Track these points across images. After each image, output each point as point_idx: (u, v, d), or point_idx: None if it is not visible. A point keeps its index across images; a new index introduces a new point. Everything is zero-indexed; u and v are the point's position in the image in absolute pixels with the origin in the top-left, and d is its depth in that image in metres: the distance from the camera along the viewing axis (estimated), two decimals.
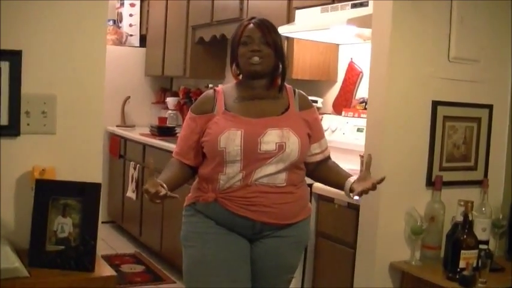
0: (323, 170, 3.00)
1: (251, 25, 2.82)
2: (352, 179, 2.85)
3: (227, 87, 2.95)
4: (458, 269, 3.06)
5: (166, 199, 2.65)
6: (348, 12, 4.08)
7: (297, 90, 2.96)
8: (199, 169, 2.88)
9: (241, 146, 2.69)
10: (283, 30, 4.30)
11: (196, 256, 2.81)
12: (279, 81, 2.90)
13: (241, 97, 2.85)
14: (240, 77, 2.90)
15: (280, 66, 2.88)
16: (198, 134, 2.83)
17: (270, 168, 2.72)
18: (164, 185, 2.64)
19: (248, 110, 2.80)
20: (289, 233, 2.85)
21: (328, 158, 3.03)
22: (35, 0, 2.61)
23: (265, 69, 2.81)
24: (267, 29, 2.81)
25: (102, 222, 2.77)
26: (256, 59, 2.77)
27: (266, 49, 2.79)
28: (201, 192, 2.83)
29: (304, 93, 2.98)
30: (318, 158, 2.97)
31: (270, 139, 2.71)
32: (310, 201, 3.17)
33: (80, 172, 2.68)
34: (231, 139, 2.69)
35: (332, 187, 3.04)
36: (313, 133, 2.91)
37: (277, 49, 2.83)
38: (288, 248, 2.89)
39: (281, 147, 2.72)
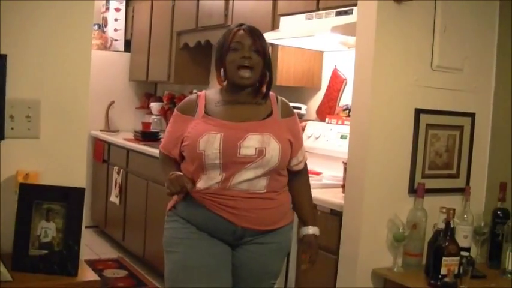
0: (294, 188, 3.00)
1: (241, 31, 2.81)
2: (306, 230, 2.99)
3: (211, 91, 2.95)
4: (440, 276, 3.08)
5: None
6: (332, 19, 4.10)
7: (279, 97, 2.96)
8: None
9: (220, 150, 2.69)
10: (268, 37, 4.29)
11: (178, 261, 2.80)
12: (264, 89, 2.89)
13: (224, 101, 2.85)
14: (225, 83, 2.89)
15: (268, 74, 2.88)
16: (181, 132, 2.83)
17: (249, 173, 2.72)
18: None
19: (229, 114, 2.80)
20: (271, 239, 2.85)
21: (304, 169, 3.04)
22: (20, 4, 2.61)
23: (253, 81, 2.81)
24: (257, 36, 2.82)
25: (86, 227, 2.76)
26: (247, 73, 2.76)
27: (256, 57, 2.78)
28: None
29: (286, 101, 2.98)
30: (300, 166, 2.99)
31: (250, 144, 2.71)
32: None
33: (63, 177, 2.68)
34: (210, 142, 2.69)
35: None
36: (296, 141, 2.91)
37: (265, 57, 2.83)
38: (270, 254, 2.89)
39: (261, 152, 2.71)
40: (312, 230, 2.99)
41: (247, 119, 2.80)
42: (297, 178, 3.00)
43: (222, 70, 2.86)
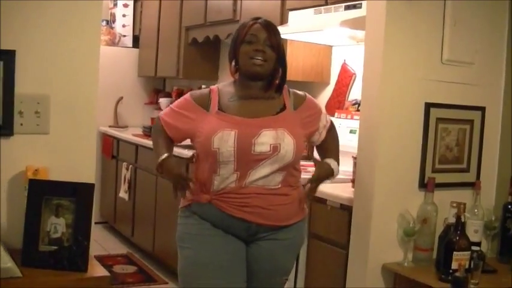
0: (321, 147, 3.05)
1: (257, 25, 2.80)
2: (328, 159, 2.97)
3: (223, 85, 2.93)
4: (451, 271, 3.07)
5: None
6: (341, 14, 4.08)
7: (290, 90, 2.95)
8: (194, 171, 2.88)
9: (234, 147, 2.67)
10: None
11: (192, 257, 2.81)
12: (276, 83, 2.88)
13: (237, 96, 2.84)
14: (237, 75, 2.88)
15: (281, 70, 2.87)
16: (192, 122, 2.81)
17: (264, 170, 2.71)
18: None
19: (243, 110, 2.78)
20: (284, 235, 2.85)
21: (330, 129, 3.04)
22: (29, 0, 2.61)
23: (266, 71, 2.79)
24: (272, 31, 2.81)
25: (95, 223, 2.76)
26: (259, 59, 2.76)
27: (270, 51, 2.77)
28: (195, 194, 2.82)
29: (297, 91, 2.97)
30: (324, 134, 3.00)
31: (264, 140, 2.70)
32: None
33: (73, 172, 2.68)
34: (224, 140, 2.68)
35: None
36: (314, 119, 2.94)
37: (279, 53, 2.82)
38: (283, 250, 2.89)
39: (275, 148, 2.71)
40: (332, 162, 2.96)
41: (260, 114, 2.78)
42: (324, 141, 3.03)
43: (234, 61, 2.85)
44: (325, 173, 2.92)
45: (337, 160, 3.00)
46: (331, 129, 3.05)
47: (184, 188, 2.78)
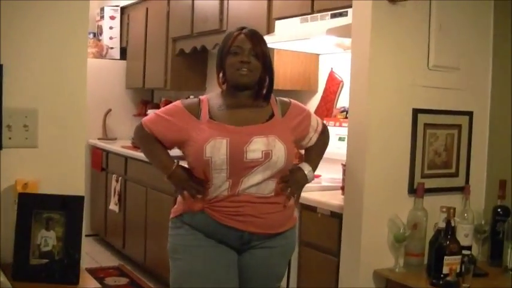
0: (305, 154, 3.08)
1: (242, 35, 2.81)
2: (302, 164, 2.99)
3: (211, 95, 2.93)
4: (442, 275, 3.08)
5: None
6: (327, 22, 4.09)
7: (277, 98, 2.96)
8: None
9: (227, 155, 2.68)
10: None
11: (185, 268, 2.81)
12: (264, 92, 2.88)
13: (226, 105, 2.84)
14: (225, 86, 2.89)
15: (267, 79, 2.88)
16: (183, 127, 2.80)
17: (257, 177, 2.72)
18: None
19: (233, 118, 2.79)
20: (277, 243, 2.86)
21: (322, 132, 3.07)
22: (16, 14, 2.61)
23: (252, 81, 2.80)
24: (257, 40, 2.81)
25: (86, 236, 2.76)
26: (244, 71, 2.76)
27: (255, 61, 2.78)
28: (188, 203, 2.83)
29: (281, 98, 2.99)
30: (314, 138, 3.02)
31: (256, 147, 2.71)
32: None
33: (62, 185, 2.67)
34: (216, 148, 2.68)
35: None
36: (304, 124, 2.96)
37: (265, 62, 2.83)
38: (276, 258, 2.90)
39: (267, 155, 2.72)
40: (306, 167, 2.98)
41: (250, 122, 2.79)
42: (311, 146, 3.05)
43: (222, 73, 2.87)
44: (297, 181, 2.95)
45: (316, 164, 3.07)
46: (324, 132, 3.07)
47: (199, 191, 2.78)
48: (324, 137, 3.08)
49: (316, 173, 3.15)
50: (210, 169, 2.70)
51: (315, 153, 3.07)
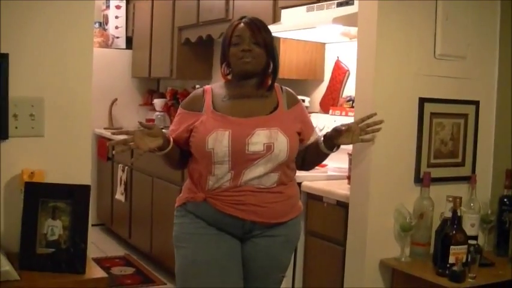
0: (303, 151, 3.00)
1: (241, 25, 2.81)
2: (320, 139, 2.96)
3: (216, 86, 2.94)
4: (448, 265, 3.08)
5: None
6: (333, 11, 4.09)
7: (283, 87, 2.96)
8: (188, 169, 2.89)
9: (229, 147, 2.69)
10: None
11: (189, 256, 2.81)
12: (269, 80, 2.89)
13: (230, 95, 2.85)
14: (230, 76, 2.90)
15: (272, 65, 2.87)
16: (186, 133, 2.83)
17: (258, 169, 2.73)
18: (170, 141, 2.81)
19: (236, 109, 2.79)
20: (279, 232, 2.86)
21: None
22: (21, 3, 2.60)
23: (256, 68, 2.80)
24: (257, 28, 2.81)
25: (92, 225, 2.76)
26: (248, 58, 2.76)
27: (257, 49, 2.78)
28: (191, 193, 2.83)
29: (290, 90, 2.99)
30: (313, 139, 2.99)
31: (258, 140, 2.71)
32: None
33: (69, 174, 2.68)
34: (218, 140, 2.69)
35: (314, 158, 3.07)
36: (305, 126, 2.94)
37: (268, 48, 2.82)
38: (278, 247, 2.90)
39: (269, 148, 2.71)
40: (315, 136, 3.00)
41: (254, 113, 2.79)
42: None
43: (225, 64, 2.88)
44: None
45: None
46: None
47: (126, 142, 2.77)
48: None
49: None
50: (212, 161, 2.71)
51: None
